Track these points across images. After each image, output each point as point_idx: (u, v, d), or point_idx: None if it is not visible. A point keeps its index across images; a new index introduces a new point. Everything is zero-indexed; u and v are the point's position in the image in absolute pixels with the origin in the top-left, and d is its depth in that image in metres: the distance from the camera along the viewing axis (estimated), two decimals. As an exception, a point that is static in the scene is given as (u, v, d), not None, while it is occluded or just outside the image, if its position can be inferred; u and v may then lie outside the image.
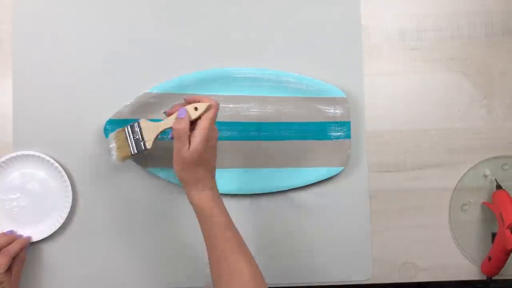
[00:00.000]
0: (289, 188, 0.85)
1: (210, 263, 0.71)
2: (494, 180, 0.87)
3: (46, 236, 0.82)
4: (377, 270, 0.86)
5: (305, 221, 0.85)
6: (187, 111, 0.71)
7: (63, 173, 0.82)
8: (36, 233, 0.82)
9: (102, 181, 0.84)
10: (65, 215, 0.82)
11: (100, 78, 0.85)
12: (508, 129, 0.88)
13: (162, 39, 0.85)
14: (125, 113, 0.82)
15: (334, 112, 0.85)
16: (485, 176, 0.87)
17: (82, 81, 0.84)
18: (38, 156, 0.82)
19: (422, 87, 0.88)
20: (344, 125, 0.85)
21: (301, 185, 0.85)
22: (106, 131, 0.81)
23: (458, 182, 0.87)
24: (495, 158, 0.87)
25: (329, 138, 0.85)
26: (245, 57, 0.86)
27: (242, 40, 0.86)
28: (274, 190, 0.85)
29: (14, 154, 0.82)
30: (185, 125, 0.70)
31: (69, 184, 0.82)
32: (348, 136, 0.85)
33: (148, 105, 0.83)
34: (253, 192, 0.85)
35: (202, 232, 0.72)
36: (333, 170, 0.85)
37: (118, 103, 0.82)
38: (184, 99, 0.74)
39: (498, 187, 0.86)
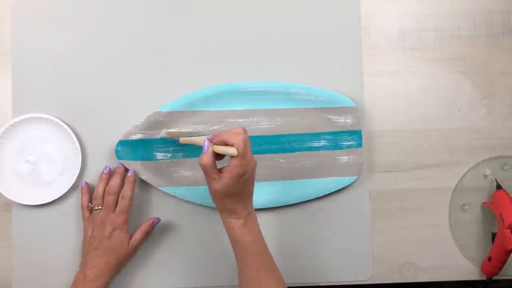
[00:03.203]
0: (303, 200, 0.84)
1: (240, 285, 0.72)
2: (494, 180, 0.87)
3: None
4: (377, 270, 0.86)
5: (305, 221, 0.85)
6: (210, 145, 0.69)
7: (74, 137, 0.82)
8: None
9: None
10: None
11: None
12: (509, 129, 0.88)
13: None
14: (135, 133, 0.81)
15: (344, 121, 0.85)
16: (485, 176, 0.87)
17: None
18: (50, 119, 0.82)
19: (422, 87, 0.88)
20: (355, 134, 0.85)
21: (315, 197, 0.84)
22: (118, 153, 0.81)
23: (458, 182, 0.87)
24: (495, 158, 0.87)
25: (340, 147, 0.85)
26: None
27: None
28: (289, 203, 0.84)
29: (23, 117, 0.81)
30: (207, 161, 0.69)
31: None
32: (359, 145, 0.85)
33: (159, 123, 0.82)
34: (267, 206, 0.84)
35: (235, 254, 0.72)
36: (347, 180, 0.84)
37: (129, 123, 0.82)
38: (213, 142, 0.71)
39: (498, 187, 0.86)
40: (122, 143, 0.82)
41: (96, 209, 0.80)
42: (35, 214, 0.83)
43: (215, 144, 0.70)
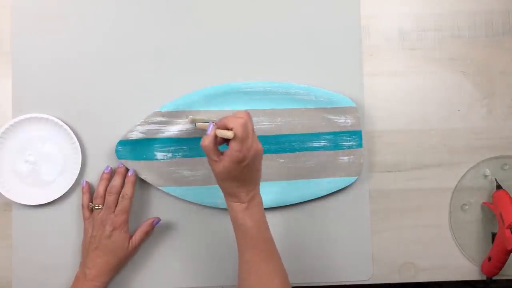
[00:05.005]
0: (304, 200, 0.84)
1: (239, 268, 0.72)
2: (494, 180, 0.87)
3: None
4: (377, 270, 0.86)
5: (305, 221, 0.85)
6: (213, 128, 0.70)
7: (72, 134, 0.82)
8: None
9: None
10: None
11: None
12: (509, 129, 0.88)
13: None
14: (136, 133, 0.81)
15: (344, 121, 0.85)
16: (485, 176, 0.87)
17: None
18: (50, 119, 0.82)
19: (422, 87, 0.88)
20: (355, 134, 0.85)
21: (315, 197, 0.84)
22: (118, 153, 0.81)
23: (458, 182, 0.87)
24: (495, 158, 0.87)
25: (341, 148, 0.85)
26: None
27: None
28: (289, 204, 0.84)
29: (23, 117, 0.82)
30: (208, 142, 0.69)
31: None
32: (360, 145, 0.85)
33: (159, 123, 0.82)
34: (268, 206, 0.83)
35: (236, 237, 0.72)
36: (347, 180, 0.84)
37: (129, 124, 0.82)
38: (217, 125, 0.71)
39: (498, 187, 0.86)
40: (122, 143, 0.82)
41: (96, 209, 0.80)
42: (35, 214, 0.83)
43: (218, 127, 0.70)
